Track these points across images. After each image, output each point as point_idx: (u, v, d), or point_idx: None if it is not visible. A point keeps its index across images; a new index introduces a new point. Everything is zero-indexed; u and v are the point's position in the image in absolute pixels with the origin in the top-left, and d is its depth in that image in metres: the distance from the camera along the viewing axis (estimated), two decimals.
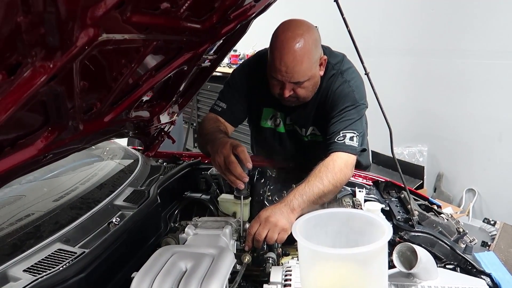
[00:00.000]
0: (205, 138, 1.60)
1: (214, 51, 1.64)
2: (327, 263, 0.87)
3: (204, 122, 1.75)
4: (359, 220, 0.97)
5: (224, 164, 1.34)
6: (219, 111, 1.78)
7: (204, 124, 1.74)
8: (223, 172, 1.38)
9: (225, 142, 1.38)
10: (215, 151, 1.39)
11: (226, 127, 1.75)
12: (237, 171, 1.33)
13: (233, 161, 1.32)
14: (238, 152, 1.34)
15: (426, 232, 1.42)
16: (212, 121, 1.74)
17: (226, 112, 1.78)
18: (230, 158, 1.33)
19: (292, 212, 1.39)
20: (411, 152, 3.74)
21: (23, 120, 0.85)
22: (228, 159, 1.33)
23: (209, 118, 1.77)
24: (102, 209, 1.31)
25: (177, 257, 1.10)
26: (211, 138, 1.53)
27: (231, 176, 1.34)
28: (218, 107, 1.79)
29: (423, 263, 1.09)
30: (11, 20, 0.54)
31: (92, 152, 1.86)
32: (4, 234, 1.10)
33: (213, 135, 1.56)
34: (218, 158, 1.36)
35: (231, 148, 1.35)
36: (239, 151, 1.34)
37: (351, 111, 1.63)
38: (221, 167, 1.37)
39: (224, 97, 1.81)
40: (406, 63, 3.78)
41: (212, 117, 1.77)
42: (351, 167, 1.58)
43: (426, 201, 1.73)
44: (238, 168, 1.33)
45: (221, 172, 1.39)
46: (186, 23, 1.12)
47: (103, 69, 0.99)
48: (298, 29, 1.52)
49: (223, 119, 1.77)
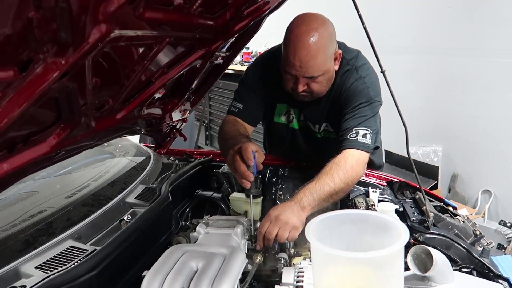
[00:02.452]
0: (228, 143, 1.57)
1: (226, 48, 1.62)
2: (341, 266, 0.85)
3: (224, 126, 1.73)
4: (374, 222, 0.94)
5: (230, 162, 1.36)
6: (236, 112, 1.76)
7: (224, 128, 1.72)
8: (232, 171, 1.40)
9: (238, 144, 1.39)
10: (230, 153, 1.41)
11: (245, 128, 1.73)
12: (240, 169, 1.33)
13: (237, 159, 1.33)
14: (241, 150, 1.33)
15: (442, 234, 1.39)
16: (231, 124, 1.73)
17: (243, 113, 1.76)
18: (235, 157, 1.34)
19: (303, 210, 1.38)
20: (425, 152, 3.68)
21: (35, 117, 0.84)
22: (233, 158, 1.34)
23: (228, 121, 1.75)
24: (113, 207, 1.31)
25: (188, 256, 1.09)
26: (233, 143, 1.49)
27: (237, 174, 1.36)
28: (235, 108, 1.77)
29: (439, 266, 1.07)
30: (23, 16, 0.53)
31: (105, 149, 1.87)
32: (17, 230, 1.10)
33: (236, 139, 1.54)
34: (229, 156, 1.37)
35: (240, 148, 1.35)
36: (243, 148, 1.33)
37: (365, 107, 1.60)
38: (229, 165, 1.39)
39: (240, 97, 1.79)
40: (422, 61, 3.72)
41: (231, 120, 1.75)
42: (363, 164, 1.55)
43: (442, 202, 1.69)
44: (242, 166, 1.33)
45: (232, 170, 1.41)
46: (199, 19, 1.11)
47: (116, 66, 0.99)
48: (313, 23, 1.49)
49: (241, 120, 1.75)
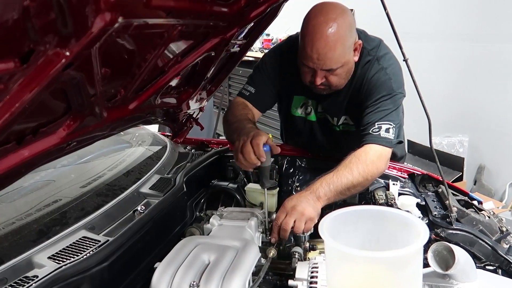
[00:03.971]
0: (233, 126, 1.56)
1: (243, 36, 1.58)
2: (356, 265, 0.82)
3: (232, 108, 1.72)
4: (392, 220, 0.90)
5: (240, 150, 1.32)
6: (247, 95, 1.74)
7: (231, 110, 1.70)
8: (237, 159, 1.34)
9: (249, 131, 1.36)
10: (238, 138, 1.37)
11: (253, 113, 1.70)
12: (251, 158, 1.29)
13: (248, 151, 1.29)
14: (252, 145, 1.30)
15: (465, 230, 1.34)
16: (240, 107, 1.70)
17: (254, 97, 1.73)
18: (246, 147, 1.30)
19: (318, 200, 1.36)
20: (450, 142, 3.58)
21: (43, 108, 0.83)
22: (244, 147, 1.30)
23: (237, 103, 1.73)
24: (127, 197, 1.31)
25: (201, 249, 1.09)
26: (239, 127, 1.50)
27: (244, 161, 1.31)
28: (246, 91, 1.74)
29: (461, 264, 1.02)
30: (18, 4, 0.51)
31: (121, 138, 1.87)
32: (32, 220, 1.11)
33: (241, 124, 1.53)
34: (237, 144, 1.34)
35: (251, 138, 1.31)
36: (254, 144, 1.30)
37: (387, 100, 1.54)
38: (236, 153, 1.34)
39: (253, 82, 1.76)
40: (448, 48, 3.58)
41: (240, 102, 1.73)
42: (385, 160, 1.50)
43: (466, 197, 1.63)
44: (251, 155, 1.29)
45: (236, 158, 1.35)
46: (212, 6, 1.07)
47: (126, 55, 0.96)
48: (331, 13, 1.44)
49: (250, 105, 1.72)
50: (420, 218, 1.40)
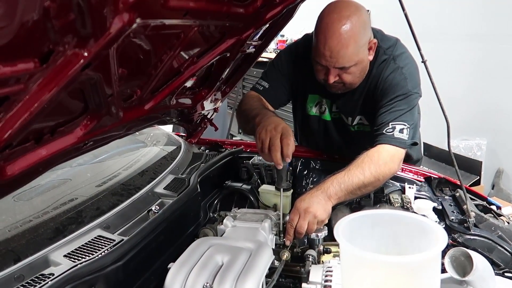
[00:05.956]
0: (252, 112, 1.53)
1: (259, 37, 1.57)
2: (373, 270, 0.80)
3: (247, 98, 1.70)
4: (409, 224, 0.88)
5: (268, 143, 1.29)
6: (260, 89, 1.73)
7: (246, 100, 1.69)
8: (261, 149, 1.32)
9: (278, 123, 1.32)
10: (264, 126, 1.33)
11: (268, 107, 1.68)
12: (276, 156, 1.27)
13: (276, 149, 1.27)
14: (282, 144, 1.28)
15: (484, 236, 1.32)
16: (256, 98, 1.69)
17: (268, 92, 1.72)
18: (276, 142, 1.27)
19: (329, 199, 1.35)
20: (468, 145, 3.51)
21: (62, 108, 0.84)
22: (274, 141, 1.27)
23: (252, 96, 1.72)
24: (142, 197, 1.31)
25: (214, 250, 1.08)
26: (260, 112, 1.47)
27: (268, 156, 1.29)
28: (260, 86, 1.74)
29: (479, 270, 0.99)
30: (38, 5, 0.52)
31: (136, 138, 1.88)
32: (48, 218, 1.12)
33: (262, 110, 1.51)
34: (264, 134, 1.30)
35: (281, 133, 1.28)
36: (284, 143, 1.27)
37: (402, 101, 1.52)
38: (262, 144, 1.30)
39: (267, 77, 1.75)
40: (468, 49, 3.52)
41: (254, 95, 1.72)
42: (398, 161, 1.48)
43: (484, 201, 1.60)
44: (278, 154, 1.27)
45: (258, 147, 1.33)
46: (228, 7, 1.07)
47: (142, 55, 0.97)
48: (345, 10, 1.42)
49: (264, 99, 1.71)
50: (436, 222, 1.38)
